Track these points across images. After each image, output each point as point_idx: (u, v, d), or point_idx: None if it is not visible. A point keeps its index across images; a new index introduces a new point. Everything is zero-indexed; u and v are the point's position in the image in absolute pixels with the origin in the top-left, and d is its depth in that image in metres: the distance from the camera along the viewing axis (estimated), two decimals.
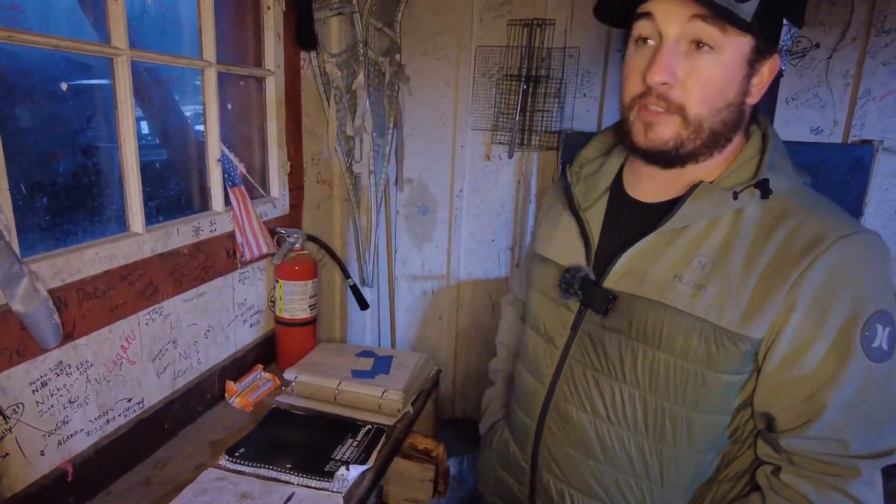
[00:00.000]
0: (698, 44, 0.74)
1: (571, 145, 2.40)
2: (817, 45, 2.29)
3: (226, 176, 1.46)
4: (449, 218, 2.74)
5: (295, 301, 1.62)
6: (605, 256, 0.87)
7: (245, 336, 1.63)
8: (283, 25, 1.63)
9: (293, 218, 1.78)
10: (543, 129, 2.51)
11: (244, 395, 1.48)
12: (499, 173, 2.65)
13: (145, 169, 1.27)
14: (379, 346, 2.63)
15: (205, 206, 1.47)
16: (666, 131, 0.77)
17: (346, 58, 1.99)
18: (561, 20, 2.41)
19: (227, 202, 1.48)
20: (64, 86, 1.11)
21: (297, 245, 1.63)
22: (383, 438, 1.33)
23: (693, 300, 0.77)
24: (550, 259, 0.95)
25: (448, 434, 2.74)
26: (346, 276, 1.83)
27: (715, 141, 0.79)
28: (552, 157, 2.54)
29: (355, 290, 1.84)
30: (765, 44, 0.77)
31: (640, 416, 0.83)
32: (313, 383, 1.49)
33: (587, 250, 0.89)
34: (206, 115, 1.41)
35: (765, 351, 0.76)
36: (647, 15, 0.75)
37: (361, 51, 2.02)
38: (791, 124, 2.39)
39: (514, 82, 2.48)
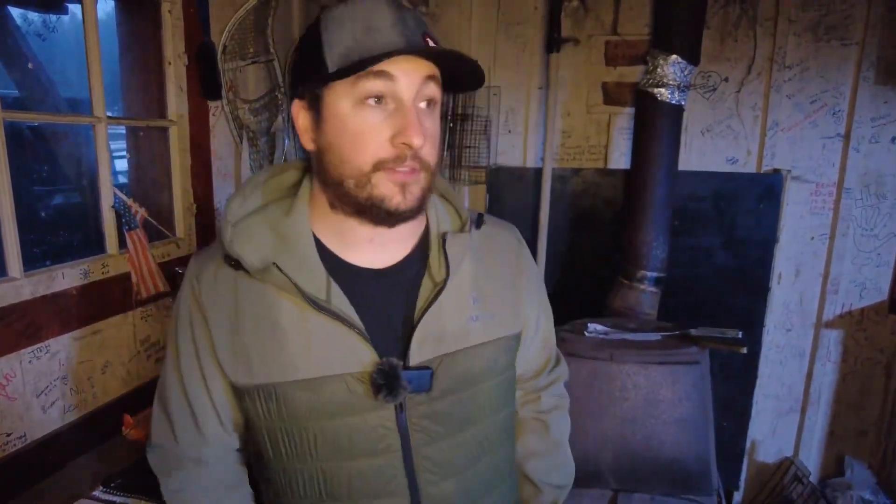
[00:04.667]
0: (429, 102, 0.77)
1: (499, 180, 2.53)
2: (726, 80, 2.38)
3: (123, 220, 1.56)
4: None
5: None
6: (384, 338, 0.80)
7: (151, 370, 1.71)
8: (186, 78, 1.75)
9: None
10: (472, 164, 2.61)
11: (140, 427, 1.56)
12: None
13: (37, 216, 1.38)
14: None
15: (101, 248, 1.57)
16: (419, 189, 0.78)
17: (265, 102, 2.10)
18: (483, 60, 2.52)
19: (125, 244, 1.57)
20: None
21: None
22: None
23: (487, 330, 0.87)
24: (328, 375, 0.79)
25: None
26: None
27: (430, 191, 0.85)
28: (481, 190, 2.63)
29: None
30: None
31: (485, 442, 0.90)
32: None
33: (365, 340, 0.78)
34: (98, 166, 1.51)
35: (522, 332, 0.96)
36: (384, 74, 0.73)
37: (280, 96, 2.13)
38: (708, 154, 2.47)
39: (441, 120, 2.59)
